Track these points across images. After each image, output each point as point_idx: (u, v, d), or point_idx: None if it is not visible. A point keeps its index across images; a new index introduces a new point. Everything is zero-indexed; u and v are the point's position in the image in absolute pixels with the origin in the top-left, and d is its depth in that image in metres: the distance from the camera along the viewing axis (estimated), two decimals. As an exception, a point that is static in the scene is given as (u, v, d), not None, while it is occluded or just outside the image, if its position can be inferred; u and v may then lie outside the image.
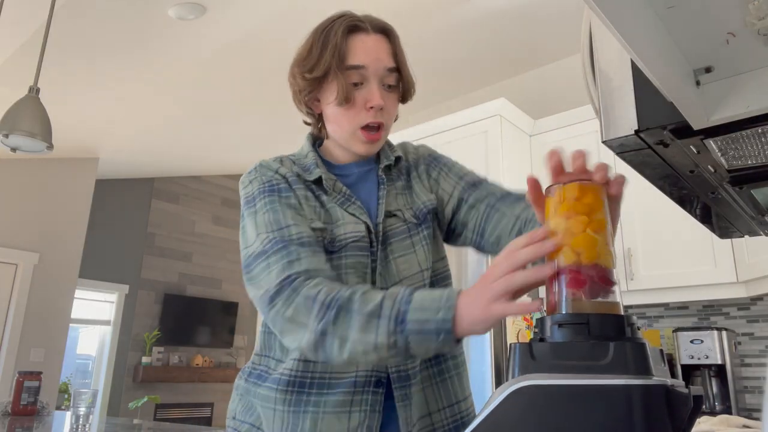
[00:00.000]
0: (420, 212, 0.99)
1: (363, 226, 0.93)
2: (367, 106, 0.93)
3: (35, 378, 2.49)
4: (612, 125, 0.65)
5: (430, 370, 0.94)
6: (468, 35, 3.45)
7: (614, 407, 0.48)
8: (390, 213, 0.97)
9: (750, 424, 1.27)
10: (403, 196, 1.01)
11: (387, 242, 0.95)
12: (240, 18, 3.11)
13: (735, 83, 0.57)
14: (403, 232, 0.96)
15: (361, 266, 0.91)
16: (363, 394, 0.87)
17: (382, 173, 1.01)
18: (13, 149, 2.43)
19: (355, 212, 0.94)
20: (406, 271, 0.93)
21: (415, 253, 0.95)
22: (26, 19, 2.94)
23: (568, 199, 0.59)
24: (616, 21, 0.45)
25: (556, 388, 0.50)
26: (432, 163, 1.06)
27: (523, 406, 0.51)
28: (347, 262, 0.90)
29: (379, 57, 0.95)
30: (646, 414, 0.47)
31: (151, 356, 6.11)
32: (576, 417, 0.49)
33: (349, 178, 1.00)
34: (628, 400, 0.48)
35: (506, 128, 2.98)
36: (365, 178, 1.01)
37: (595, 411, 0.48)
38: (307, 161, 0.99)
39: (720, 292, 2.42)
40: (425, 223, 0.99)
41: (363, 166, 1.02)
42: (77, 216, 5.25)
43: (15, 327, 4.69)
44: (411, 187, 1.03)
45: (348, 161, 1.01)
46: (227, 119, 4.72)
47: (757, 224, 0.98)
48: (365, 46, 0.95)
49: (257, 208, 0.90)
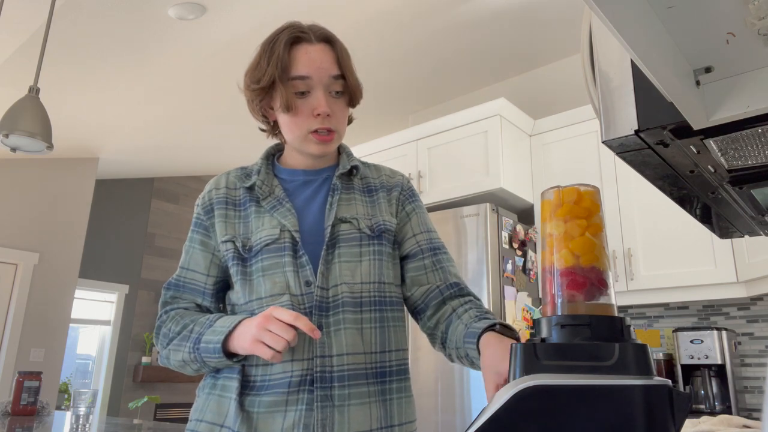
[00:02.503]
0: (377, 227, 1.02)
1: (278, 230, 0.97)
2: (314, 113, 0.99)
3: (35, 378, 2.49)
4: (612, 125, 0.65)
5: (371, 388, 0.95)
6: (468, 35, 3.45)
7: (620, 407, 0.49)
8: (343, 219, 1.00)
9: (750, 424, 1.27)
10: (363, 206, 1.05)
11: (336, 245, 0.98)
12: (240, 18, 3.11)
13: (735, 83, 0.57)
14: (353, 239, 0.99)
15: (277, 266, 0.95)
16: (298, 393, 0.90)
17: (337, 180, 1.04)
18: (13, 149, 2.43)
19: (279, 215, 0.99)
20: (347, 277, 0.97)
21: (359, 263, 0.98)
22: (26, 19, 2.94)
23: (567, 203, 0.60)
24: (616, 21, 0.45)
25: (562, 389, 0.51)
26: (410, 197, 1.11)
27: (529, 406, 0.51)
28: (264, 265, 0.96)
29: (322, 66, 1.00)
30: (651, 413, 0.49)
31: (151, 356, 6.11)
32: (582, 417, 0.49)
33: (293, 183, 1.06)
34: (634, 400, 0.49)
35: (506, 128, 2.98)
36: (311, 183, 1.06)
37: (601, 411, 0.49)
38: (252, 168, 1.08)
39: (720, 292, 2.42)
40: (379, 239, 1.01)
41: (309, 175, 1.06)
42: (77, 216, 5.25)
43: (15, 327, 4.69)
44: (375, 201, 1.06)
45: (304, 167, 1.07)
46: (227, 119, 4.72)
47: (757, 224, 0.98)
48: (309, 57, 1.00)
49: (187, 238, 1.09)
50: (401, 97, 4.26)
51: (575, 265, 0.57)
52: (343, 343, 0.93)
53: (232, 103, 4.34)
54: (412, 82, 4.01)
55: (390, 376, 0.98)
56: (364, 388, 0.94)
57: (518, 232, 2.80)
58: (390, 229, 1.04)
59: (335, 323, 0.94)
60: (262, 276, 0.96)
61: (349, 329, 0.94)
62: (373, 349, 0.96)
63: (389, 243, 1.03)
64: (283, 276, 0.95)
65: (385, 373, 0.97)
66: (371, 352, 0.96)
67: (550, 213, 0.61)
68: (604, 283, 0.57)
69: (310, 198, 1.04)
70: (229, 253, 1.00)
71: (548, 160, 3.03)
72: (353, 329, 0.94)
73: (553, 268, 0.59)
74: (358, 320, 0.95)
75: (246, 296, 0.97)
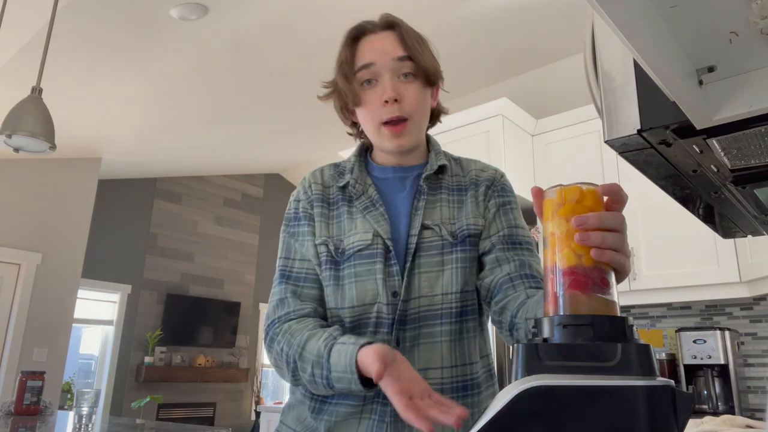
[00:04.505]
0: (460, 232, 0.95)
1: (370, 234, 0.93)
2: (381, 101, 0.94)
3: (38, 378, 2.50)
4: (614, 125, 0.64)
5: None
6: (470, 35, 3.45)
7: (623, 408, 0.49)
8: (426, 225, 0.94)
9: (753, 424, 1.27)
10: (448, 209, 0.98)
11: (417, 255, 0.93)
12: (242, 18, 3.11)
13: (738, 83, 0.57)
14: (435, 248, 0.93)
15: (369, 273, 0.91)
16: (373, 404, 0.89)
17: (424, 183, 0.98)
18: (16, 149, 2.44)
19: (372, 219, 0.95)
20: (426, 290, 0.91)
21: (442, 273, 0.92)
22: (29, 20, 2.94)
23: (569, 202, 0.59)
24: (618, 20, 0.44)
25: (566, 389, 0.50)
26: (499, 192, 1.02)
27: (532, 406, 0.51)
28: (356, 270, 0.92)
29: (385, 50, 0.95)
30: (655, 414, 0.48)
31: (153, 356, 6.12)
32: (585, 418, 0.49)
33: (385, 181, 1.01)
34: (637, 401, 0.48)
35: (508, 128, 2.98)
36: (402, 184, 1.00)
37: (604, 412, 0.49)
38: (346, 165, 1.03)
39: (723, 292, 2.42)
40: (462, 245, 0.94)
41: (399, 172, 1.01)
42: (80, 216, 5.26)
43: (18, 327, 4.70)
44: (463, 202, 1.00)
45: (391, 164, 1.01)
46: (229, 119, 4.73)
47: (760, 224, 0.98)
48: (372, 45, 0.97)
49: (282, 230, 1.03)
50: (403, 97, 4.26)
51: (577, 264, 0.57)
52: (416, 359, 0.89)
53: (234, 103, 4.35)
54: (414, 82, 4.01)
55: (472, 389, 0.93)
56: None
57: (520, 232, 2.80)
58: (474, 234, 0.96)
59: (411, 339, 0.90)
60: (355, 282, 0.92)
61: (424, 344, 0.91)
62: (453, 363, 0.92)
63: (474, 248, 0.96)
64: (375, 284, 0.91)
65: (467, 386, 0.93)
66: (450, 366, 0.91)
67: (552, 212, 0.60)
68: (607, 282, 0.57)
69: (402, 200, 0.98)
70: (323, 256, 0.95)
71: (550, 160, 3.02)
72: (429, 344, 0.91)
73: (555, 267, 0.58)
74: (436, 333, 0.91)
75: (337, 302, 0.93)
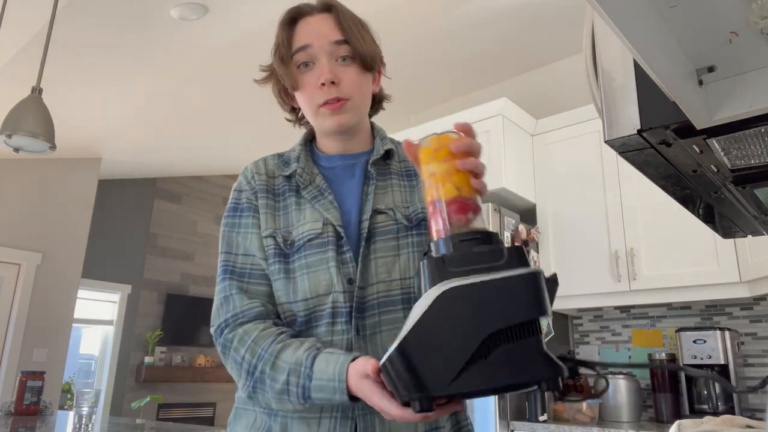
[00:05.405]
0: (415, 215, 0.94)
1: (320, 223, 0.91)
2: (318, 83, 0.92)
3: (38, 378, 2.50)
4: (614, 125, 0.65)
5: None
6: (470, 35, 3.45)
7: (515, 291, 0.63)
8: (378, 210, 0.93)
9: (753, 424, 1.27)
10: (401, 193, 0.97)
11: (372, 240, 0.91)
12: (242, 18, 3.11)
13: (738, 82, 0.57)
14: (390, 232, 0.92)
15: (321, 263, 0.89)
16: None
17: (371, 168, 0.97)
18: (15, 149, 2.44)
19: (321, 208, 0.92)
20: (383, 275, 0.89)
21: (398, 257, 0.90)
22: (29, 19, 2.94)
23: (445, 147, 0.72)
24: (618, 20, 0.44)
25: (477, 285, 0.63)
26: None
27: (449, 305, 0.63)
28: (308, 261, 0.89)
29: (322, 33, 0.94)
30: (540, 293, 0.64)
31: (153, 356, 6.12)
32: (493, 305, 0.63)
33: (333, 170, 0.99)
34: (524, 284, 0.64)
35: (508, 128, 2.98)
36: (350, 171, 0.98)
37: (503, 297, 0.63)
38: (291, 155, 1.01)
39: (723, 292, 2.42)
40: (417, 229, 0.93)
41: (347, 159, 0.99)
42: (80, 216, 5.26)
43: (18, 327, 4.70)
44: (414, 187, 0.98)
45: (334, 152, 1.00)
46: (229, 119, 4.73)
47: (760, 224, 0.98)
48: (309, 27, 0.95)
49: (222, 224, 0.98)
50: (403, 96, 4.26)
51: (458, 195, 0.70)
52: (379, 347, 0.87)
53: (234, 103, 4.35)
54: (414, 82, 4.01)
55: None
56: None
57: (520, 231, 2.80)
58: None
59: (371, 326, 0.88)
60: (306, 273, 0.89)
61: (386, 331, 0.88)
62: None
63: None
64: (327, 273, 0.88)
65: None
66: None
67: (431, 156, 0.73)
68: (479, 208, 0.72)
69: (351, 188, 0.96)
70: (270, 249, 0.92)
71: (550, 160, 3.02)
72: (391, 330, 0.88)
73: (440, 200, 0.71)
74: (398, 320, 0.88)
75: (289, 296, 0.90)
